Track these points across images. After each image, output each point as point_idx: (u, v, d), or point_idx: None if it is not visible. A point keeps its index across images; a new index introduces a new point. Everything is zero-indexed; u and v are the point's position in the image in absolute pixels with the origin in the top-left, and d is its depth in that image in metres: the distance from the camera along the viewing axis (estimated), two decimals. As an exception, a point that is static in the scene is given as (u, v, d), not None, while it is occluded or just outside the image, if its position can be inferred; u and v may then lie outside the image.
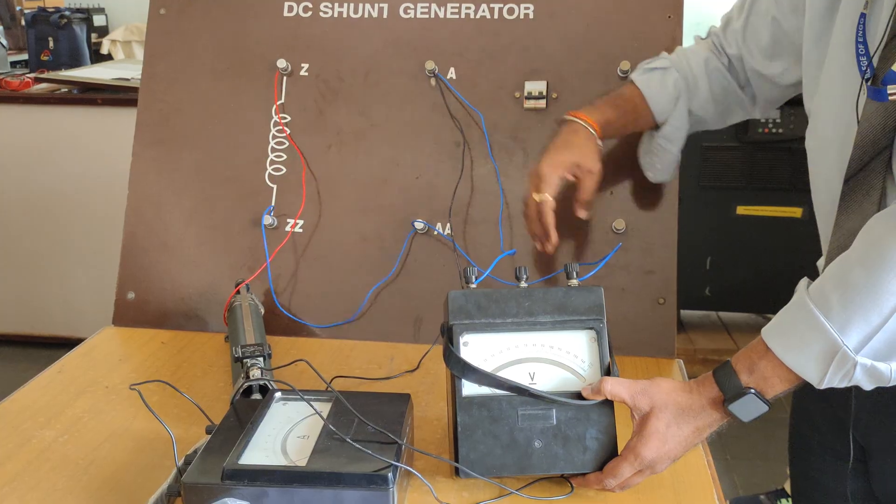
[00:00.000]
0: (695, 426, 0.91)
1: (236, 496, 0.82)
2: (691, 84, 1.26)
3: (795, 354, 0.86)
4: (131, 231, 1.47)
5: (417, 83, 1.44)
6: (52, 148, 3.09)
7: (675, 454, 0.92)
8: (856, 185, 0.96)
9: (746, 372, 0.89)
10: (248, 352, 1.10)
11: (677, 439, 0.91)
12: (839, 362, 0.84)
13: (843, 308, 0.83)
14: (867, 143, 0.94)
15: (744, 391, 0.88)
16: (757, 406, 0.88)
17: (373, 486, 0.82)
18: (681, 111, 1.26)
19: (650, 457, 0.90)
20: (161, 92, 1.50)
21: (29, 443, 1.06)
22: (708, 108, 1.27)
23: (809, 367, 0.85)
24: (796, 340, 0.86)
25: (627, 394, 0.92)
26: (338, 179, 1.44)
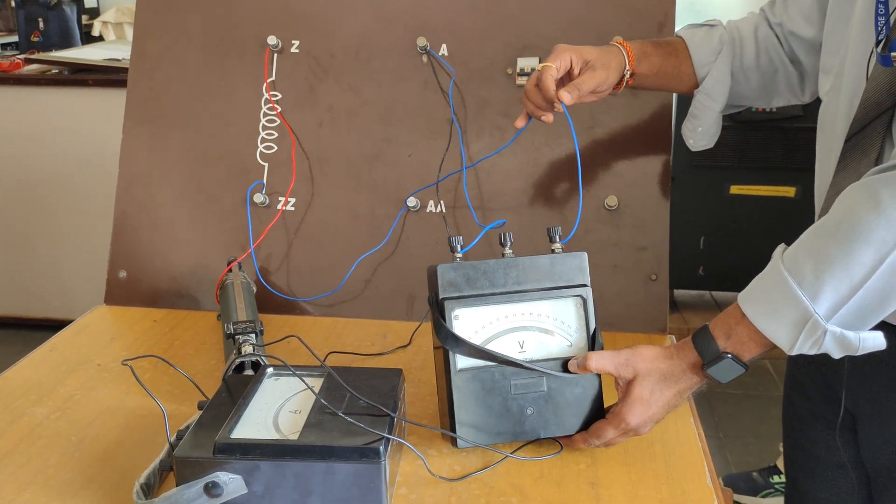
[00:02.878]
0: (676, 390, 0.95)
1: (228, 470, 0.82)
2: (737, 43, 1.24)
3: (768, 320, 0.88)
4: (122, 210, 1.47)
5: (409, 60, 1.43)
6: (42, 129, 3.07)
7: (659, 417, 0.96)
8: (856, 144, 0.97)
9: (724, 337, 0.92)
10: (240, 328, 1.10)
11: (660, 403, 0.95)
12: (810, 330, 0.86)
13: (816, 278, 0.85)
14: (871, 103, 0.95)
15: (721, 356, 0.91)
16: (734, 369, 0.92)
17: (365, 459, 0.82)
18: (722, 64, 1.24)
19: (635, 422, 0.94)
20: (151, 70, 1.49)
21: (20, 420, 1.06)
22: (751, 75, 1.25)
23: (781, 334, 0.88)
24: (770, 307, 0.88)
25: (612, 365, 0.95)
26: (329, 157, 1.43)
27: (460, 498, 0.90)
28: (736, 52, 1.24)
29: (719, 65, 1.24)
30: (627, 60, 1.20)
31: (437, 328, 0.96)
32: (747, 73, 1.25)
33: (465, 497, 0.90)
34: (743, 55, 1.24)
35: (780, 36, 1.23)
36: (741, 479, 2.40)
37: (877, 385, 1.06)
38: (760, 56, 1.24)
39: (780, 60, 1.24)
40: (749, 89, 1.27)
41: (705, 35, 1.25)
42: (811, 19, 1.17)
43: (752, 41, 1.24)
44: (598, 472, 0.95)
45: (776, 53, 1.24)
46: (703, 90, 1.25)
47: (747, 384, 1.12)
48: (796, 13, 1.19)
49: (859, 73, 0.99)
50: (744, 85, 1.26)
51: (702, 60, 1.24)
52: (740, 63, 1.25)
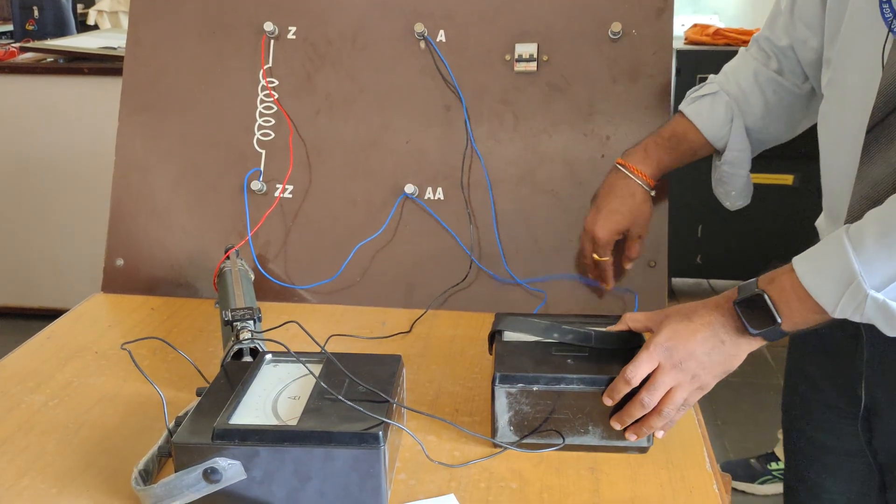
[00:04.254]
0: (707, 321, 0.92)
1: (227, 456, 0.81)
2: (742, 102, 1.22)
3: (814, 275, 0.86)
4: (119, 197, 1.46)
5: (406, 46, 1.42)
6: (38, 118, 3.05)
7: (693, 348, 0.91)
8: (880, 133, 0.95)
9: (766, 282, 0.90)
10: (238, 315, 1.09)
11: (689, 330, 0.92)
12: (853, 292, 0.84)
13: (876, 243, 0.83)
14: (892, 89, 0.93)
15: (757, 292, 0.89)
16: (765, 314, 0.89)
17: (364, 445, 0.82)
18: (738, 134, 1.22)
19: (663, 342, 0.92)
20: (146, 57, 1.48)
21: (18, 407, 1.05)
22: (768, 121, 1.23)
23: (825, 291, 0.86)
24: (818, 264, 0.87)
25: (644, 317, 0.98)
26: (327, 144, 1.43)
27: (460, 483, 0.90)
28: (745, 111, 1.22)
29: (734, 136, 1.22)
30: (645, 184, 1.24)
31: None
32: (765, 123, 1.23)
33: (465, 482, 0.90)
34: (752, 109, 1.22)
35: (788, 60, 1.18)
36: (739, 466, 2.41)
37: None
38: (770, 103, 1.21)
39: (791, 93, 1.20)
40: (771, 134, 1.25)
41: (710, 107, 1.22)
42: (814, 27, 1.13)
43: (756, 93, 1.21)
44: (598, 457, 0.94)
45: (784, 91, 1.20)
46: (725, 162, 1.24)
47: (746, 372, 1.13)
48: (805, 30, 1.14)
49: (871, 62, 0.96)
50: (764, 133, 1.24)
51: (715, 135, 1.23)
52: (753, 118, 1.22)
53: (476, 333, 1.27)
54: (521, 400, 0.94)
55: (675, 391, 0.92)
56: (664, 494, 0.89)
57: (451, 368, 1.16)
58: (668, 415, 0.92)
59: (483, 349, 1.12)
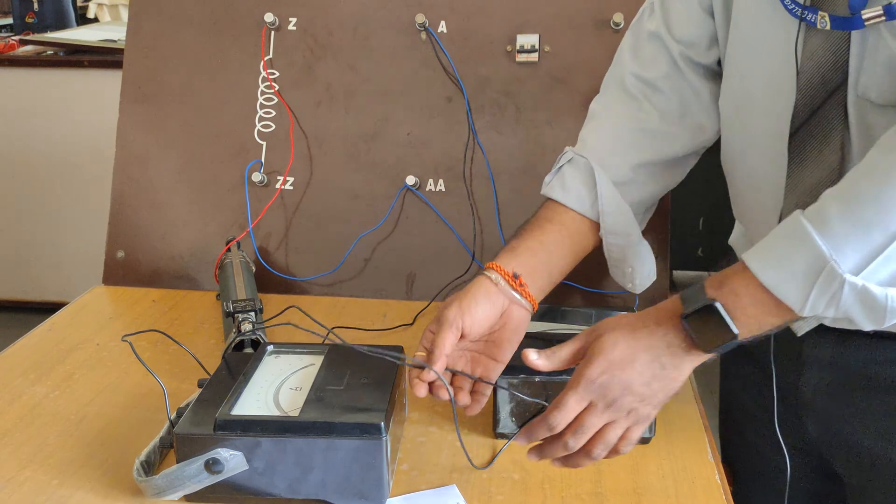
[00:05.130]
0: (647, 344, 0.78)
1: (229, 447, 0.81)
2: (599, 159, 1.00)
3: (775, 270, 0.73)
4: (119, 189, 1.46)
5: (408, 37, 1.42)
6: (38, 111, 3.05)
7: (628, 379, 0.78)
8: (808, 135, 0.84)
9: (715, 287, 0.76)
10: (239, 306, 1.09)
11: (625, 355, 0.78)
12: (825, 281, 0.71)
13: (843, 221, 0.71)
14: (815, 84, 0.83)
15: (706, 302, 0.75)
16: (720, 327, 0.75)
17: (366, 436, 0.81)
18: (607, 194, 0.99)
19: (596, 377, 0.78)
20: (146, 49, 1.48)
21: (19, 399, 1.05)
22: (643, 170, 1.02)
23: (790, 286, 0.72)
24: (778, 256, 0.73)
25: (571, 346, 0.83)
26: (328, 135, 1.42)
27: (462, 474, 0.90)
28: (608, 166, 1.00)
29: (603, 199, 0.98)
30: (495, 272, 0.93)
31: None
32: (637, 171, 1.01)
33: (467, 473, 0.90)
34: (613, 163, 1.00)
35: (655, 107, 1.02)
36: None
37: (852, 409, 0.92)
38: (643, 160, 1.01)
39: (666, 136, 1.02)
40: (672, 173, 1.05)
41: (570, 175, 1.00)
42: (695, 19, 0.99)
43: (621, 151, 1.01)
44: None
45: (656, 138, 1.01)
46: (607, 232, 1.00)
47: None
48: (692, 29, 1.00)
49: (781, 62, 0.86)
50: (654, 178, 1.03)
51: (583, 204, 0.99)
52: (618, 170, 1.00)
53: (477, 325, 1.27)
54: (523, 391, 0.94)
55: (608, 430, 0.80)
56: (666, 485, 0.89)
57: (453, 360, 1.16)
58: (598, 455, 0.82)
59: (485, 340, 1.11)
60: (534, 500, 0.86)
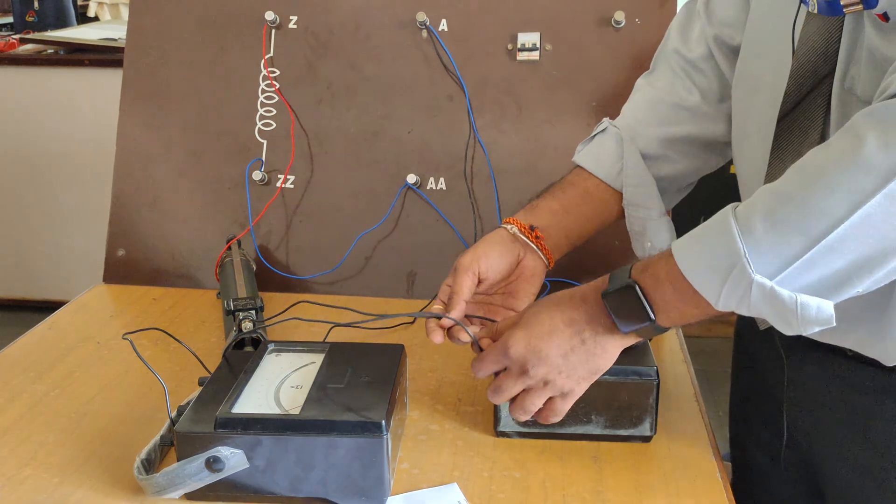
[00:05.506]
0: (569, 317, 0.80)
1: (230, 445, 0.81)
2: (631, 129, 1.03)
3: (694, 261, 0.73)
4: (120, 188, 1.45)
5: (409, 35, 1.42)
6: (38, 109, 3.05)
7: (545, 351, 0.80)
8: (792, 123, 0.82)
9: (640, 269, 0.78)
10: (239, 305, 1.09)
11: (545, 329, 0.81)
12: (736, 279, 0.70)
13: (764, 219, 0.69)
14: (805, 71, 0.80)
15: (627, 282, 0.77)
16: (637, 309, 0.77)
17: (367, 434, 0.81)
18: (633, 166, 1.01)
19: (511, 345, 0.82)
20: (147, 47, 1.47)
21: (20, 397, 1.05)
22: (676, 146, 1.04)
23: (706, 279, 0.73)
24: (701, 247, 0.74)
25: (512, 319, 0.86)
26: (328, 134, 1.42)
27: (462, 472, 0.90)
28: (639, 137, 1.03)
29: (629, 168, 1.01)
30: (511, 224, 0.99)
31: None
32: (668, 146, 1.03)
33: (468, 472, 0.90)
34: (647, 133, 1.02)
35: (695, 85, 1.03)
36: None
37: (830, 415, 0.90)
38: (672, 133, 1.03)
39: (704, 117, 1.03)
40: (687, 163, 1.05)
41: (598, 144, 1.04)
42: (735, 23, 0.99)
43: (651, 112, 1.03)
44: (601, 446, 0.94)
45: (692, 118, 1.03)
46: (627, 203, 1.02)
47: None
48: (723, 25, 1.00)
49: (781, 44, 0.84)
50: (678, 162, 1.04)
51: (608, 173, 1.02)
52: (647, 141, 1.02)
53: (478, 324, 1.26)
54: None
55: (525, 397, 0.84)
56: (667, 483, 0.88)
57: (453, 358, 1.16)
58: (520, 417, 0.86)
59: (486, 339, 1.11)
60: (535, 498, 0.86)
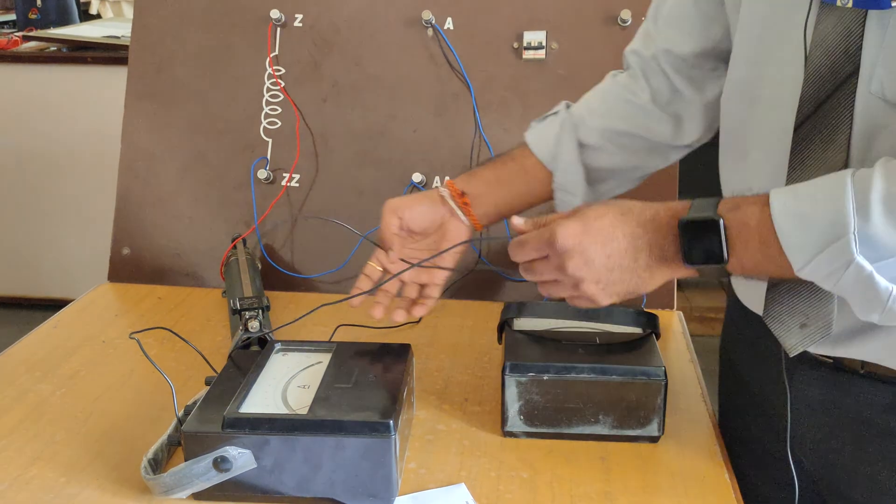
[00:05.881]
0: (632, 231, 0.76)
1: (237, 445, 0.81)
2: (578, 116, 1.04)
3: (795, 218, 0.68)
4: (125, 186, 1.45)
5: (414, 34, 1.41)
6: (41, 107, 3.05)
7: (597, 262, 0.76)
8: (812, 129, 0.77)
9: (730, 206, 0.72)
10: (245, 304, 1.09)
11: (605, 239, 0.76)
12: (835, 252, 0.66)
13: (883, 202, 0.65)
14: (823, 73, 0.76)
15: (712, 217, 0.71)
16: (713, 245, 0.72)
17: (375, 434, 0.81)
18: (568, 153, 1.02)
19: (562, 242, 0.77)
20: (152, 45, 1.47)
21: (26, 396, 1.05)
22: (616, 139, 1.04)
23: (800, 242, 0.68)
24: (804, 205, 0.68)
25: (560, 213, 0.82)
26: (334, 133, 1.42)
27: (470, 472, 0.89)
28: (580, 126, 1.04)
29: (564, 153, 1.02)
30: (446, 187, 1.03)
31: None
32: (609, 138, 1.03)
33: (476, 472, 0.89)
34: (591, 122, 1.04)
35: (649, 84, 1.03)
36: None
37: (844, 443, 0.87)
38: (617, 110, 1.04)
39: (648, 116, 1.03)
40: (625, 157, 1.05)
41: (546, 125, 1.06)
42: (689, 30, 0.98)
43: (600, 101, 1.05)
44: (608, 447, 0.94)
45: (638, 113, 1.03)
46: (557, 187, 1.04)
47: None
48: (674, 34, 0.99)
49: (790, 47, 0.79)
50: (616, 155, 1.04)
51: (546, 154, 1.04)
52: (589, 132, 1.04)
53: (484, 323, 1.26)
54: (532, 389, 0.93)
55: (551, 285, 0.82)
56: (675, 484, 0.88)
57: (460, 358, 1.15)
58: (550, 295, 0.83)
59: (491, 339, 1.11)
60: (543, 499, 0.85)
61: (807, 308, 0.78)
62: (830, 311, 0.78)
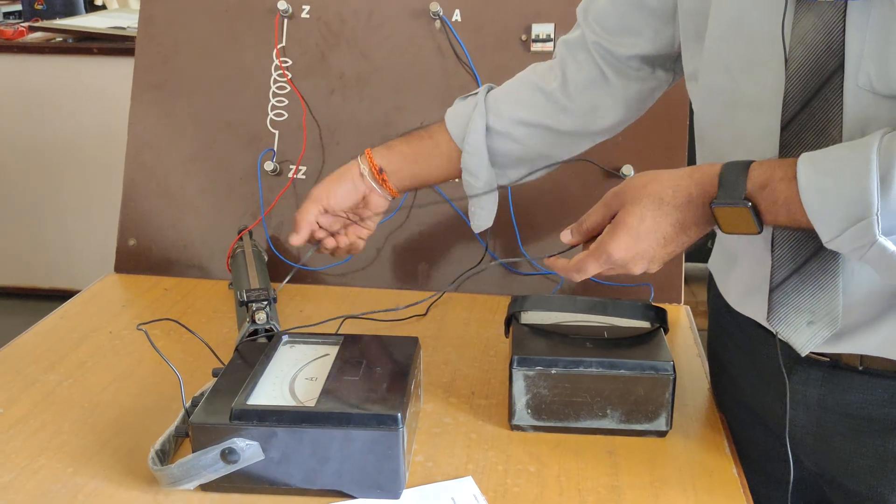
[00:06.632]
0: (676, 219, 0.79)
1: (245, 436, 0.81)
2: (493, 100, 1.06)
3: (821, 195, 0.70)
4: (131, 177, 1.45)
5: (422, 26, 1.41)
6: (47, 98, 3.04)
7: (652, 253, 0.81)
8: (802, 128, 0.77)
9: (759, 185, 0.74)
10: (252, 296, 1.09)
11: (654, 236, 0.80)
12: (859, 232, 0.68)
13: None
14: (807, 71, 0.75)
15: (741, 202, 0.74)
16: (745, 222, 0.75)
17: (382, 427, 0.81)
18: (473, 131, 1.05)
19: (619, 256, 0.81)
20: (159, 35, 1.47)
21: (33, 386, 1.05)
22: (521, 128, 1.05)
23: (827, 219, 0.70)
24: (829, 182, 0.69)
25: (598, 214, 0.85)
26: (340, 124, 1.42)
27: (478, 466, 0.89)
28: (491, 110, 1.05)
29: (471, 134, 1.05)
30: (364, 163, 1.08)
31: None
32: (518, 126, 1.04)
33: (483, 465, 0.89)
34: (504, 107, 1.05)
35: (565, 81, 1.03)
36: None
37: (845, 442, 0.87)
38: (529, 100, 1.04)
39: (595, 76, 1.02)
40: (553, 144, 1.06)
41: (463, 104, 1.08)
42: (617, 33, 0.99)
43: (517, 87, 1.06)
44: (616, 441, 0.94)
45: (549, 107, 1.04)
46: (463, 165, 1.07)
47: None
48: (602, 31, 1.00)
49: (759, 48, 0.80)
50: (531, 139, 1.05)
51: (457, 133, 1.06)
52: (501, 120, 1.05)
53: (491, 316, 1.26)
54: (539, 383, 0.93)
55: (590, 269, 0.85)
56: (683, 478, 0.88)
57: (467, 351, 1.15)
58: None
59: (498, 332, 1.11)
60: (550, 492, 0.85)
61: (813, 304, 0.79)
62: (837, 306, 0.78)
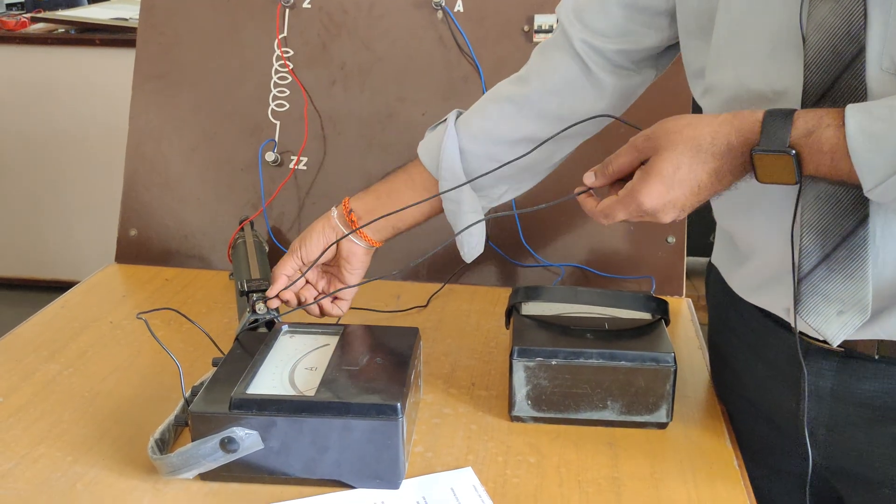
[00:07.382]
0: (713, 168, 0.75)
1: (244, 426, 0.81)
2: (464, 122, 1.01)
3: (869, 142, 0.68)
4: (132, 167, 1.45)
5: (424, 16, 1.40)
6: (49, 89, 3.04)
7: (683, 202, 0.77)
8: None
9: (804, 132, 0.71)
10: (253, 286, 1.09)
11: (689, 184, 0.76)
12: None
13: None
14: (826, 59, 0.74)
15: (785, 150, 0.71)
16: (786, 171, 0.72)
17: (382, 416, 0.81)
18: (447, 157, 0.99)
19: (651, 205, 0.77)
20: (160, 25, 1.46)
21: (33, 376, 1.05)
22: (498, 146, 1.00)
23: (873, 166, 0.68)
24: (880, 128, 0.67)
25: (628, 154, 0.80)
26: (342, 115, 1.41)
27: (477, 456, 0.89)
28: (462, 131, 1.00)
29: (444, 159, 0.99)
30: (336, 208, 1.05)
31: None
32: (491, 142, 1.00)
33: (483, 456, 0.89)
34: (471, 127, 1.00)
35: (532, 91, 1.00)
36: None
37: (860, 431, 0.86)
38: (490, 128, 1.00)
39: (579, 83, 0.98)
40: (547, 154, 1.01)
41: (437, 132, 1.02)
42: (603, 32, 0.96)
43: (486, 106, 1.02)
44: (616, 432, 0.94)
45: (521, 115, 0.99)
46: (444, 194, 1.00)
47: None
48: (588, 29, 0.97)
49: (771, 39, 0.78)
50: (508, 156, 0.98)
51: (431, 162, 1.01)
52: (474, 141, 1.00)
53: (492, 308, 1.26)
54: (539, 374, 0.93)
55: (618, 215, 0.82)
56: (683, 469, 0.88)
57: (467, 342, 1.15)
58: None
59: (499, 324, 1.11)
60: (550, 483, 0.85)
61: (842, 294, 0.77)
62: (867, 294, 0.77)
